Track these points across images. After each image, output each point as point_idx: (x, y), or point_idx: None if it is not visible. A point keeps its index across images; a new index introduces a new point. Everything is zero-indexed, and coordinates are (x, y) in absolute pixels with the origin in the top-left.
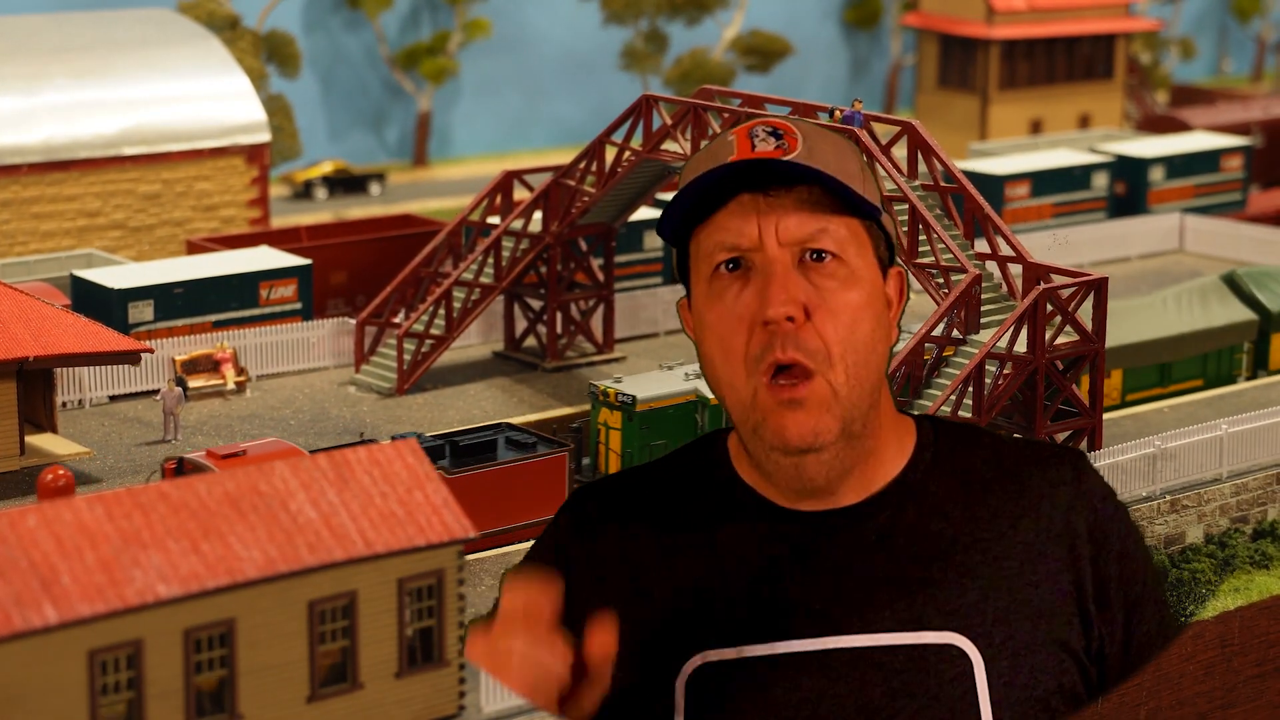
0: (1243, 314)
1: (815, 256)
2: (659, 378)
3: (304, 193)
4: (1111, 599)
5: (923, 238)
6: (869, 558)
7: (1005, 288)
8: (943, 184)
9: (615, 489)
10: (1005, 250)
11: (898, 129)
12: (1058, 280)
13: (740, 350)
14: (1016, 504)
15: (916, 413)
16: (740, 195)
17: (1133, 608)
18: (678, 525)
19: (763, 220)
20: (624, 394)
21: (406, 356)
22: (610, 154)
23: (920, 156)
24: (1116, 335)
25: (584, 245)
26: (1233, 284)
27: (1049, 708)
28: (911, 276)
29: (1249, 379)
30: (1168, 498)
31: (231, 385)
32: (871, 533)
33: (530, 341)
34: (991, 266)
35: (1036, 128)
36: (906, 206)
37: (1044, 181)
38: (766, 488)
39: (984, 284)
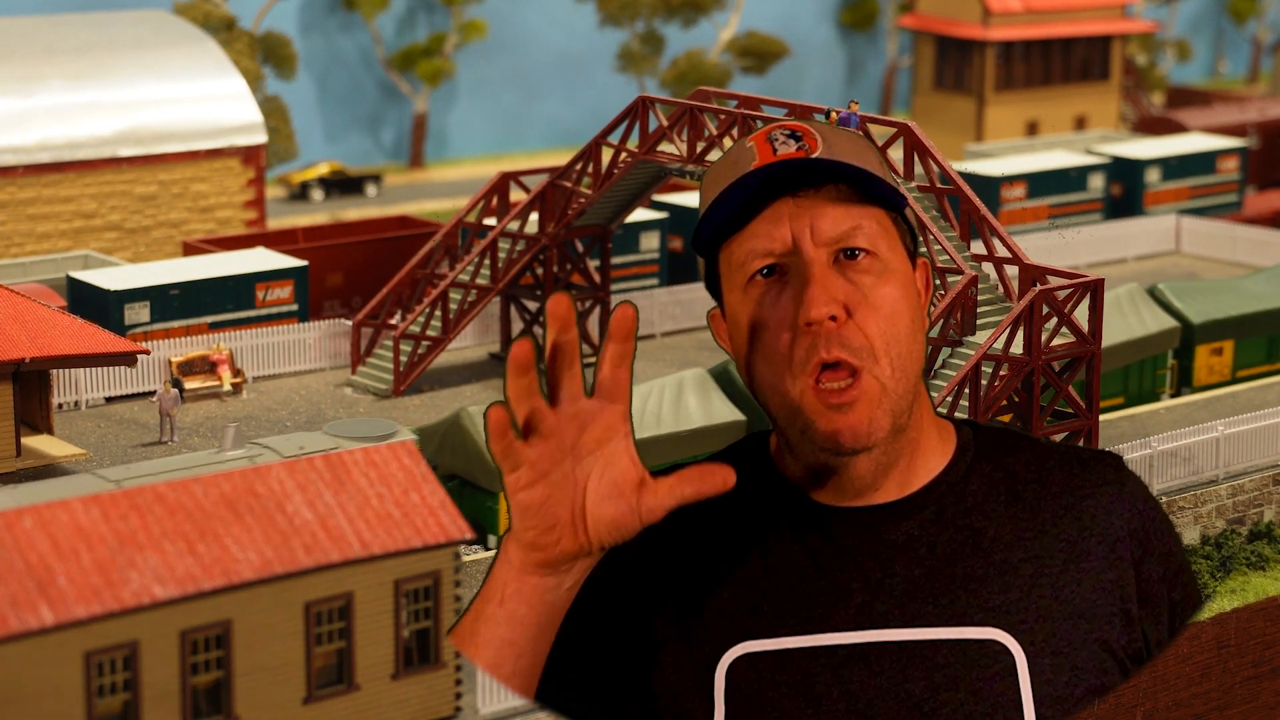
0: None
1: (849, 254)
2: (33, 489)
3: (300, 194)
4: (1156, 599)
5: (919, 239)
6: (911, 553)
7: (1002, 289)
8: (939, 185)
9: None
10: (1002, 252)
11: (894, 130)
12: (1054, 282)
13: (783, 354)
14: (1058, 503)
15: (955, 416)
16: (769, 200)
17: (1176, 607)
18: (719, 520)
19: (795, 223)
20: None
21: (403, 358)
22: (606, 155)
23: (916, 158)
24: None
25: (580, 247)
26: None
27: (1090, 708)
28: None
29: None
30: (1164, 499)
31: (228, 387)
32: (914, 528)
33: None
34: (988, 268)
35: (1033, 129)
36: None
37: (1040, 183)
38: (808, 485)
39: (980, 285)
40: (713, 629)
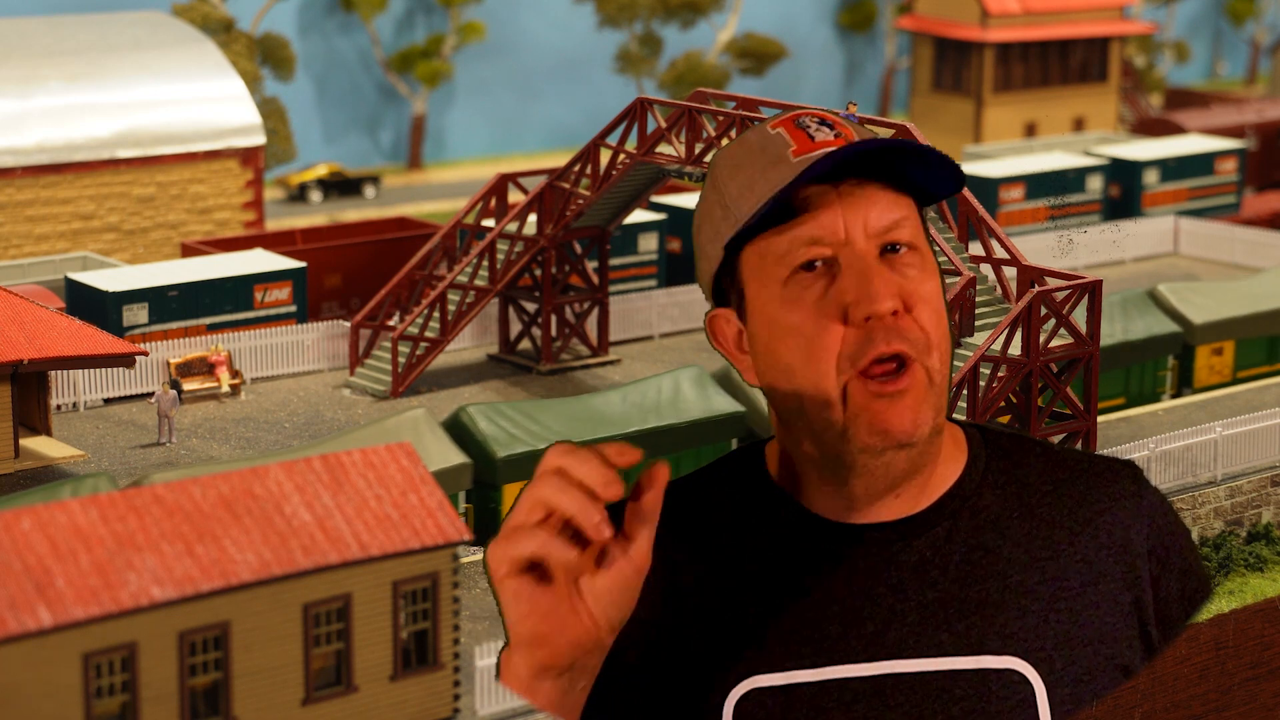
0: None
1: (891, 249)
2: None
3: (299, 195)
4: (1175, 616)
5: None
6: (924, 576)
7: (1000, 290)
8: None
9: None
10: (1000, 253)
11: (892, 132)
12: (1052, 283)
13: (834, 349)
14: (1074, 518)
15: (960, 419)
16: (810, 189)
17: (1192, 617)
18: (720, 543)
19: (847, 214)
20: None
21: (401, 359)
22: (605, 157)
23: None
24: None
25: (578, 248)
26: None
27: (1088, 709)
28: None
29: None
30: None
31: (226, 388)
32: (926, 548)
33: (525, 344)
34: (986, 269)
35: (1031, 131)
36: None
37: (1038, 184)
38: (811, 500)
39: (978, 287)
40: (718, 663)
